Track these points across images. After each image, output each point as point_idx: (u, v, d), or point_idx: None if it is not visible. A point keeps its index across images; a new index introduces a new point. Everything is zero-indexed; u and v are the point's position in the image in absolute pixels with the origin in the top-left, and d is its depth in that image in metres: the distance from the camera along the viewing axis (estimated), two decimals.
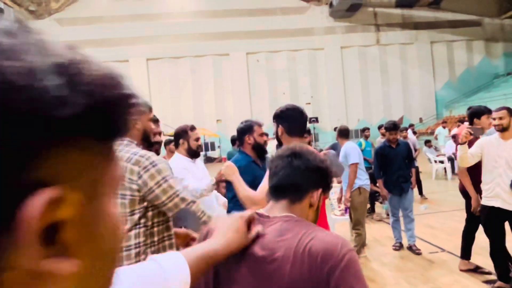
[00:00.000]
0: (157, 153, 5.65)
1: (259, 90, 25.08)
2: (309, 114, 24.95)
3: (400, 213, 4.62)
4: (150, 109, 1.83)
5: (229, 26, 24.56)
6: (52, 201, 0.23)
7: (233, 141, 6.60)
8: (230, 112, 24.72)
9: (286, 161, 1.07)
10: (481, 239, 4.65)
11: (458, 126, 12.26)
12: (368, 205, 6.28)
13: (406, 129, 8.35)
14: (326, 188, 1.11)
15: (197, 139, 2.78)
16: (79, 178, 0.26)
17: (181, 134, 2.78)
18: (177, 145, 2.82)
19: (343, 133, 4.66)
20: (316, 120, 24.16)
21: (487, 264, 3.87)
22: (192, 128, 2.81)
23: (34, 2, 23.82)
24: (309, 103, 25.46)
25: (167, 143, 5.54)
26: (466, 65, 26.34)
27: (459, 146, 3.24)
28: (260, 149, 2.46)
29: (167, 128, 23.01)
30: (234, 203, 2.16)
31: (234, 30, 24.61)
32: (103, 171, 0.28)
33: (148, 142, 1.81)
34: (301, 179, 1.05)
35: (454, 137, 11.07)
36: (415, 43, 25.86)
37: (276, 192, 1.07)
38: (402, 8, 25.75)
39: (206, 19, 24.50)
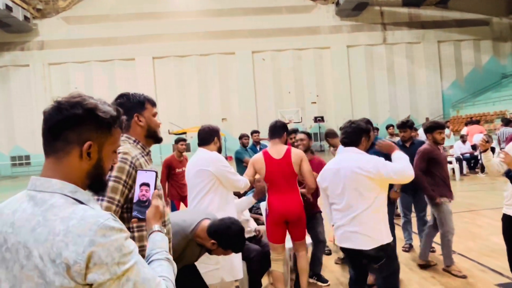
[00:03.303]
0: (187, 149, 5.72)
1: (264, 89, 25.04)
2: (315, 113, 24.94)
3: (412, 215, 4.58)
4: (153, 104, 1.79)
5: (235, 25, 24.54)
6: (88, 144, 0.95)
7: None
8: (236, 111, 24.71)
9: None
10: (492, 241, 4.62)
11: (467, 126, 12.16)
12: None
13: (416, 129, 8.29)
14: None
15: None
16: (96, 140, 0.96)
17: (215, 133, 3.05)
18: (207, 143, 3.03)
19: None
20: (321, 119, 24.10)
21: (499, 266, 3.84)
22: (219, 128, 3.19)
23: (42, 1, 23.96)
24: (315, 102, 25.39)
25: (177, 141, 5.58)
26: (474, 65, 26.09)
27: (482, 154, 3.19)
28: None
29: (173, 127, 23.08)
30: None
31: (239, 28, 24.59)
32: (106, 141, 0.99)
33: (156, 138, 1.78)
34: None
35: (462, 137, 11.00)
36: (422, 43, 25.66)
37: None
38: (409, 7, 25.56)
39: (211, 17, 24.50)
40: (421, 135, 9.51)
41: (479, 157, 10.60)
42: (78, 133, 0.94)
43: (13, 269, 0.87)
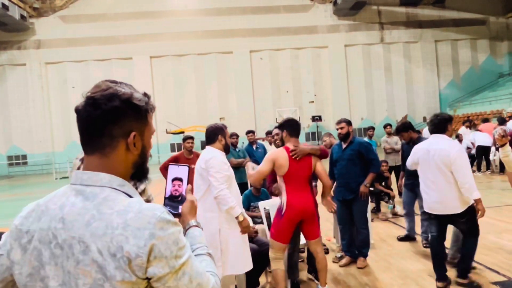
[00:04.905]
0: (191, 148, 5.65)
1: (262, 88, 25.05)
2: (312, 112, 24.98)
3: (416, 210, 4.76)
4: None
5: (233, 24, 24.53)
6: (133, 134, 0.94)
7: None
8: (234, 110, 24.71)
9: None
10: (489, 240, 4.64)
11: (468, 126, 12.16)
12: (374, 205, 6.29)
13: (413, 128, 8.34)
14: None
15: (230, 136, 3.14)
16: (137, 129, 0.95)
17: (220, 131, 3.07)
18: (213, 141, 3.05)
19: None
20: (319, 118, 24.13)
21: (495, 264, 3.86)
22: (225, 126, 3.18)
23: (38, 0, 23.85)
24: (313, 102, 25.42)
25: (184, 139, 5.55)
26: (471, 64, 26.21)
27: (500, 149, 3.18)
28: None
29: (171, 126, 23.04)
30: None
31: (237, 28, 24.58)
32: (145, 128, 0.98)
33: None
34: None
35: (458, 137, 11.03)
36: (420, 42, 25.75)
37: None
38: (407, 6, 25.63)
39: (209, 17, 24.48)
40: (425, 134, 9.53)
41: (475, 156, 10.65)
42: (120, 126, 0.92)
43: (65, 265, 0.84)
